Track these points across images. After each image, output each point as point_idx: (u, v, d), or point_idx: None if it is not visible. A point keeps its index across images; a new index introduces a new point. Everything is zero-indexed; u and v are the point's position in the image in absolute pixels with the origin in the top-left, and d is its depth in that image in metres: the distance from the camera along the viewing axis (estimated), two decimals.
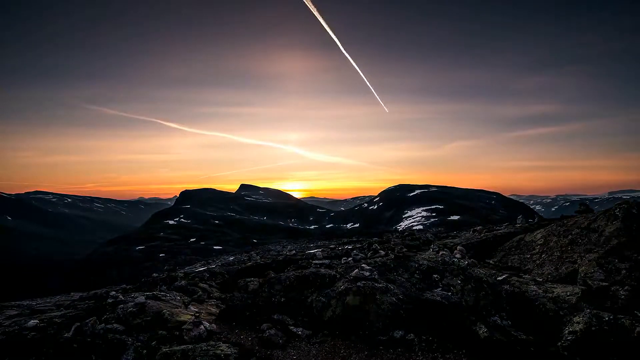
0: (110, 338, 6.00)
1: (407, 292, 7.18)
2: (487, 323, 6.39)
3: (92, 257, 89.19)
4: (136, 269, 63.62)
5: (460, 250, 10.16)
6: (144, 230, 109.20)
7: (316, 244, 24.12)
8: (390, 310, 6.64)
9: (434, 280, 7.82)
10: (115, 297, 7.81)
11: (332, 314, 6.91)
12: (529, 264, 10.07)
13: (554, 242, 10.27)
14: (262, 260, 19.56)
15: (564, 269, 8.93)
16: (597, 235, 9.31)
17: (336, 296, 7.11)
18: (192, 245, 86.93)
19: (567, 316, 6.51)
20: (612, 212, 9.68)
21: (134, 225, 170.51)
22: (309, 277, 8.00)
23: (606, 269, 7.97)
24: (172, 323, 6.61)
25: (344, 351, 6.01)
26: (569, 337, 5.63)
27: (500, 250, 11.91)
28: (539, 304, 7.05)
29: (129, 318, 6.72)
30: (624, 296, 7.11)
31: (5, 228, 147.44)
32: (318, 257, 13.76)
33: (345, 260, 10.85)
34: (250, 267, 16.56)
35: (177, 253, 77.01)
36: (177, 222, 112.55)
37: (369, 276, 7.34)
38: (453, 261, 8.60)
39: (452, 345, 5.90)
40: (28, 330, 6.56)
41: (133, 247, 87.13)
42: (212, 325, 6.72)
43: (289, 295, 7.73)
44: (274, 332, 6.52)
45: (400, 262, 8.58)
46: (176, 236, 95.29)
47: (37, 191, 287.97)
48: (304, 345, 6.33)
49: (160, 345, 5.85)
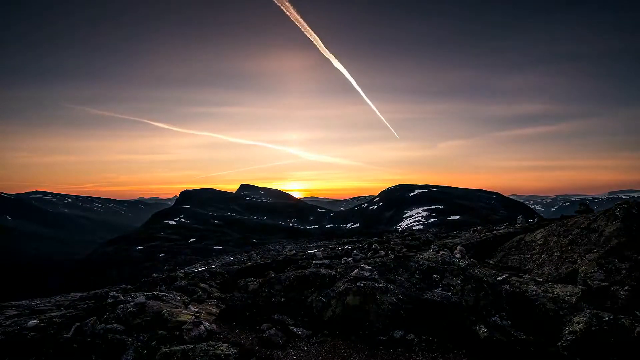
0: (110, 338, 6.00)
1: (407, 292, 7.19)
2: (487, 323, 6.39)
3: (92, 257, 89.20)
4: (136, 269, 63.61)
5: (460, 250, 10.16)
6: (144, 230, 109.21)
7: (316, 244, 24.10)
8: (390, 310, 6.64)
9: (434, 280, 7.82)
10: (115, 297, 7.81)
11: (332, 314, 6.91)
12: (529, 264, 10.07)
13: (554, 242, 10.27)
14: (262, 260, 19.55)
15: (564, 269, 8.93)
16: (597, 235, 9.31)
17: (336, 296, 7.11)
18: (192, 245, 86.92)
19: (567, 316, 6.52)
20: (612, 212, 9.68)
21: (134, 225, 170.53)
22: (309, 277, 7.99)
23: (606, 269, 7.97)
24: (172, 323, 6.61)
25: (344, 351, 6.01)
26: (569, 337, 5.63)
27: (500, 250, 11.91)
28: (539, 304, 7.05)
29: (129, 318, 6.72)
30: (624, 296, 7.12)
31: (5, 228, 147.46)
32: (318, 257, 13.75)
33: (345, 260, 10.84)
34: (250, 267, 16.56)
35: (177, 253, 77.01)
36: (177, 222, 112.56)
37: (369, 276, 7.34)
38: (453, 261, 8.60)
39: (452, 345, 5.90)
40: (28, 330, 6.56)
41: (133, 247, 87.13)
42: (212, 325, 6.72)
43: (289, 295, 7.73)
44: (274, 332, 6.52)
45: (400, 262, 8.58)
46: (176, 236, 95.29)
47: (37, 191, 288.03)
48: (304, 345, 6.33)
49: (160, 345, 5.86)
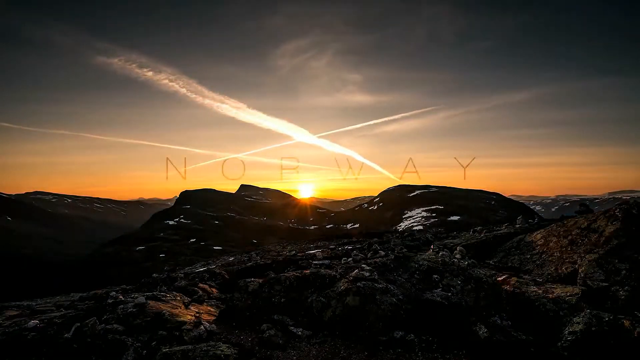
0: (110, 338, 6.00)
1: (407, 293, 7.19)
2: (487, 323, 6.39)
3: (92, 257, 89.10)
4: (136, 270, 63.54)
5: (460, 250, 10.17)
6: (144, 231, 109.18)
7: (316, 244, 24.10)
8: (390, 310, 6.64)
9: (434, 280, 7.82)
10: (115, 298, 7.81)
11: (332, 315, 6.91)
12: (529, 264, 10.07)
13: (554, 242, 10.27)
14: (262, 260, 19.53)
15: (564, 270, 8.93)
16: (597, 236, 9.30)
17: (336, 297, 7.11)
18: (192, 245, 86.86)
19: (567, 316, 6.52)
20: (612, 213, 9.68)
21: (134, 225, 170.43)
22: (309, 278, 7.99)
23: (606, 269, 7.97)
24: (172, 323, 6.61)
25: (344, 351, 6.01)
26: (569, 337, 5.64)
27: (500, 250, 11.90)
28: (539, 305, 7.06)
29: (129, 318, 6.72)
30: (624, 296, 7.12)
31: (5, 228, 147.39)
32: (318, 258, 13.74)
33: (345, 260, 10.83)
34: (250, 268, 16.53)
35: (177, 253, 76.94)
36: (177, 223, 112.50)
37: (369, 277, 7.34)
38: (453, 261, 8.59)
39: (452, 345, 5.90)
40: (28, 330, 6.55)
41: (133, 248, 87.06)
42: (212, 326, 6.73)
43: (289, 296, 7.73)
44: (274, 332, 6.53)
45: (400, 262, 8.58)
46: (176, 236, 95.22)
47: (37, 191, 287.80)
48: (304, 345, 6.33)
49: (160, 346, 5.86)
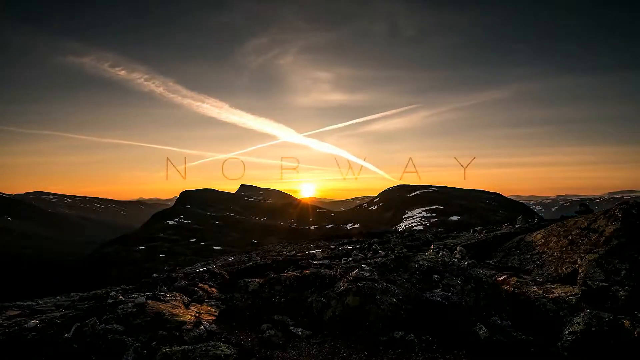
0: (110, 338, 6.00)
1: (407, 293, 7.19)
2: (487, 323, 6.38)
3: (92, 257, 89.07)
4: (136, 270, 63.52)
5: (460, 250, 10.17)
6: (144, 231, 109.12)
7: (316, 244, 24.10)
8: (390, 310, 6.64)
9: (434, 280, 7.82)
10: (115, 298, 7.81)
11: (332, 315, 6.91)
12: (529, 264, 10.06)
13: (554, 242, 10.26)
14: (262, 260, 19.52)
15: (564, 270, 8.92)
16: (597, 236, 9.30)
17: (336, 296, 7.11)
18: (192, 245, 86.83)
19: (567, 316, 6.52)
20: (612, 213, 9.67)
21: (134, 225, 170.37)
22: (309, 278, 8.00)
23: (606, 269, 7.96)
24: (172, 323, 6.61)
25: (344, 351, 6.01)
26: (569, 337, 5.64)
27: (500, 250, 11.90)
28: (539, 305, 7.06)
29: (129, 318, 6.72)
30: (624, 296, 7.12)
31: (5, 228, 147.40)
32: (318, 258, 13.74)
33: (345, 260, 10.84)
34: (250, 268, 16.52)
35: (177, 253, 76.91)
36: (177, 223, 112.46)
37: (369, 276, 7.34)
38: (453, 261, 8.59)
39: (452, 345, 5.90)
40: (28, 330, 6.55)
41: (133, 248, 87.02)
42: (212, 326, 6.73)
43: (289, 296, 7.73)
44: (274, 332, 6.52)
45: (400, 262, 8.58)
46: (176, 236, 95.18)
47: (37, 191, 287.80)
48: (304, 345, 6.33)
49: (160, 346, 5.86)
